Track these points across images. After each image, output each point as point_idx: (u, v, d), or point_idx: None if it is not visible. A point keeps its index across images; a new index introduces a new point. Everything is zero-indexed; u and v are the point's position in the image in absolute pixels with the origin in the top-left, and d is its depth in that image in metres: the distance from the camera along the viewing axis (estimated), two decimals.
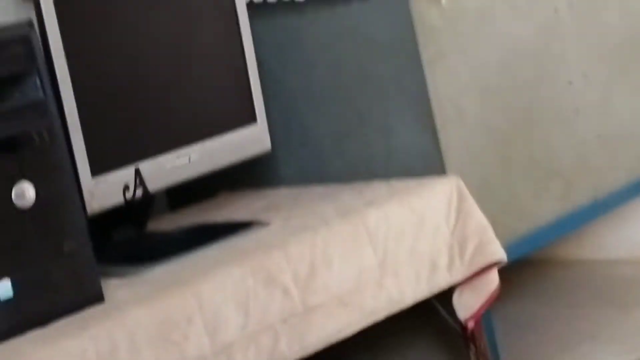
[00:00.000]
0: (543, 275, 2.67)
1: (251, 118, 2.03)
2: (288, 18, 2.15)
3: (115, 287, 1.69)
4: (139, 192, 1.84)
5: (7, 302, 1.53)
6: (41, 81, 1.60)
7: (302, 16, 2.13)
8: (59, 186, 1.60)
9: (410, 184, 2.00)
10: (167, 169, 1.88)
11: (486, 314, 2.04)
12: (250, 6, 2.08)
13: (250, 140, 2.03)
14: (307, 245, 1.78)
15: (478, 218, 1.97)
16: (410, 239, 1.90)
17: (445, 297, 1.97)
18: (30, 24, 1.61)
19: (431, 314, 2.03)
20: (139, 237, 1.96)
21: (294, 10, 2.14)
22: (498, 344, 2.10)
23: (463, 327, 1.99)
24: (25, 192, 1.56)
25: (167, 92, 1.91)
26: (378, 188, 2.02)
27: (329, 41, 2.12)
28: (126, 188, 1.82)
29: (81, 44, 1.77)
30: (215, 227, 1.98)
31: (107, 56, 1.82)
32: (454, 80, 2.06)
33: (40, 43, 1.63)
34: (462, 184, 1.99)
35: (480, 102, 2.11)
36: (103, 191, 1.79)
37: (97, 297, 1.63)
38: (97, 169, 1.78)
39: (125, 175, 1.82)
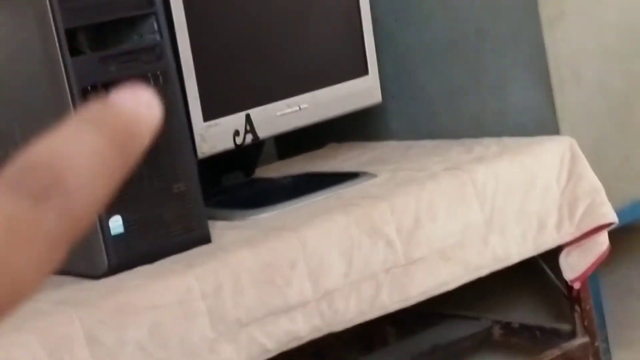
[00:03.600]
0: None
1: (363, 70, 2.03)
2: None
3: (222, 230, 1.72)
4: (249, 138, 1.86)
5: (118, 238, 1.58)
6: (158, 25, 1.63)
7: None
8: (172, 128, 1.63)
9: (522, 142, 1.97)
10: (277, 116, 1.90)
11: (594, 277, 2.01)
12: None
13: (361, 92, 2.03)
14: (413, 198, 1.77)
15: (590, 179, 1.94)
16: (519, 197, 1.87)
17: (552, 257, 1.94)
18: None
19: (537, 274, 2.01)
20: (248, 183, 1.99)
21: None
22: (605, 308, 2.06)
23: (569, 288, 1.97)
24: None
25: (281, 41, 1.92)
26: (488, 145, 1.99)
27: None
28: (236, 133, 1.85)
29: None
30: (323, 176, 1.99)
31: (223, 3, 1.84)
32: (572, 41, 2.02)
33: None
34: (575, 144, 1.95)
35: (598, 63, 2.06)
36: (214, 135, 1.82)
37: (204, 238, 1.66)
38: (209, 113, 1.81)
39: (236, 120, 1.85)
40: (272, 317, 1.60)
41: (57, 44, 1.55)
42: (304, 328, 1.63)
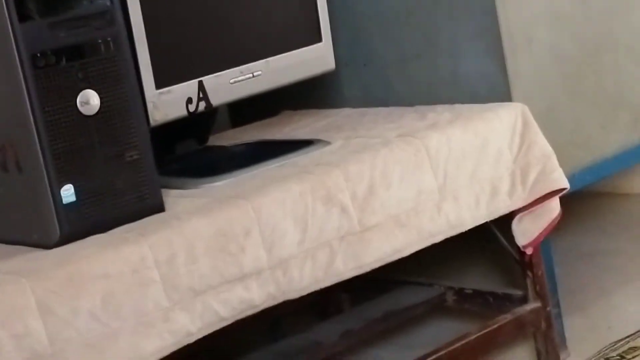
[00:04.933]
0: (606, 207, 2.64)
1: (317, 37, 2.02)
2: None
3: (175, 198, 1.71)
4: (202, 106, 1.85)
5: (70, 207, 1.56)
6: None
7: None
8: (123, 96, 1.61)
9: (475, 108, 1.98)
10: (230, 84, 1.89)
11: (545, 243, 2.03)
12: None
13: (314, 59, 2.02)
14: (367, 165, 1.78)
15: (542, 145, 1.95)
16: (472, 164, 1.89)
17: (504, 223, 1.96)
18: None
19: (489, 240, 2.03)
20: (201, 151, 1.98)
21: None
22: (556, 273, 2.09)
23: (521, 253, 1.99)
24: (90, 100, 1.58)
25: (234, 7, 1.91)
26: (441, 111, 2.00)
27: None
28: (189, 101, 1.83)
29: None
30: (277, 144, 1.99)
31: None
32: (525, 7, 2.03)
33: None
34: (527, 111, 1.97)
35: (550, 30, 2.08)
36: (166, 103, 1.80)
37: (158, 207, 1.65)
38: (161, 81, 1.79)
39: (188, 88, 1.83)
40: (227, 285, 1.60)
41: (5, 10, 1.52)
42: (259, 296, 1.63)
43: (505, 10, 2.00)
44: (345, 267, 1.72)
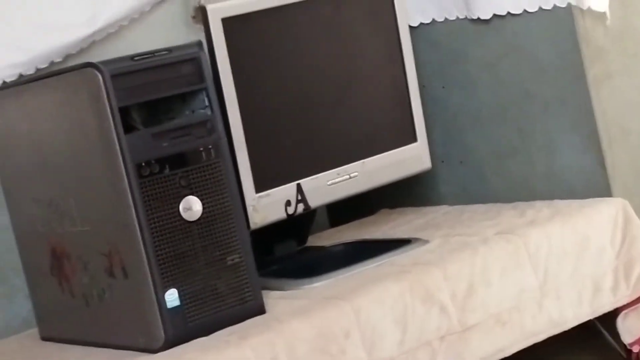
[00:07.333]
0: None
1: (412, 137, 2.04)
2: (450, 38, 2.16)
3: (275, 300, 1.73)
4: (300, 208, 1.88)
5: (174, 311, 1.59)
6: (209, 99, 1.67)
7: (464, 35, 2.13)
8: (224, 201, 1.65)
9: (574, 204, 1.97)
10: (327, 185, 1.92)
11: None
12: (412, 27, 2.10)
13: (410, 158, 2.04)
14: (466, 264, 1.77)
15: None
16: (573, 261, 1.86)
17: (609, 320, 1.92)
18: (199, 44, 1.68)
19: (594, 337, 1.99)
20: (300, 252, 2.00)
21: (456, 29, 2.14)
22: None
23: (628, 351, 1.94)
24: (192, 206, 1.62)
25: (329, 111, 1.95)
26: (540, 208, 1.99)
27: (491, 60, 2.11)
28: (288, 203, 1.86)
29: (247, 64, 1.83)
30: (375, 243, 2.00)
31: (272, 76, 1.87)
32: (620, 101, 2.02)
33: (209, 63, 1.70)
34: (628, 205, 1.94)
35: None
36: (266, 206, 1.83)
37: (259, 309, 1.67)
38: (261, 184, 1.83)
39: (287, 191, 1.87)
40: None
41: (111, 122, 1.58)
42: None
43: (600, 102, 1.99)
44: None
